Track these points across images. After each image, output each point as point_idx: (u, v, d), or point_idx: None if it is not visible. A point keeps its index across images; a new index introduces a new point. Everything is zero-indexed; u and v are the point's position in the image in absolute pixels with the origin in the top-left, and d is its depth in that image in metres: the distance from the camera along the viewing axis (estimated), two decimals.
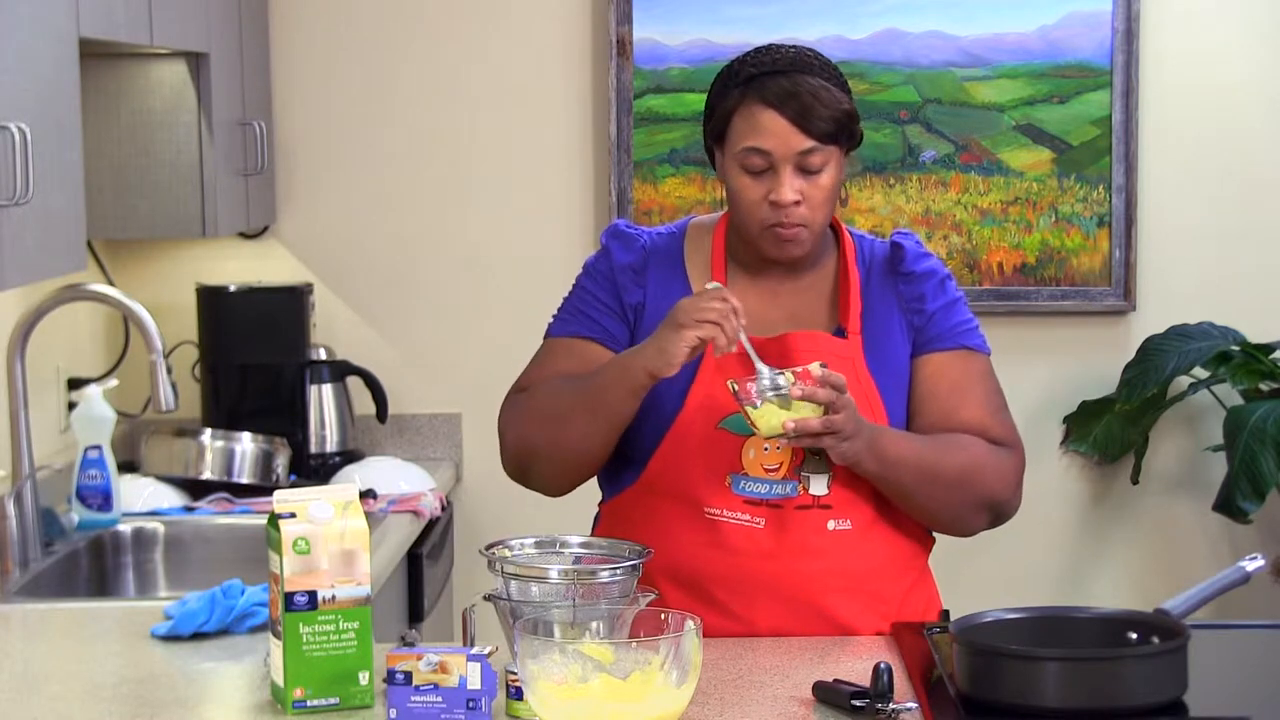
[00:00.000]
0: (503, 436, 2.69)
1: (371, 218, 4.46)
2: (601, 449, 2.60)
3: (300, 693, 2.28)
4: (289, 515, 2.28)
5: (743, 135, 2.56)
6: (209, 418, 4.18)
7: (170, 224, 3.85)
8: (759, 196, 2.56)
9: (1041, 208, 4.42)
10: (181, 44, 3.66)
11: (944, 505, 2.62)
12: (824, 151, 2.55)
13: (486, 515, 4.46)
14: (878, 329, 2.65)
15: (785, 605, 2.58)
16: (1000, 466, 2.64)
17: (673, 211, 4.36)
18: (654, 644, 2.09)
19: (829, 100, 2.54)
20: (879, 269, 2.68)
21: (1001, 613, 2.32)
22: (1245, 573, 2.36)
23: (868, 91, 4.34)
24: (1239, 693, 2.36)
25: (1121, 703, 2.14)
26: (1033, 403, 4.41)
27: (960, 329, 2.68)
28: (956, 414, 2.64)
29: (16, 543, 3.25)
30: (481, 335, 4.45)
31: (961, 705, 2.21)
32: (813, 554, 2.58)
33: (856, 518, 2.59)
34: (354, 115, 4.44)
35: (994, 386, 2.70)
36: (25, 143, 2.69)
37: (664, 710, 2.08)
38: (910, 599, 2.66)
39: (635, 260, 2.67)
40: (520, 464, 2.68)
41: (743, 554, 2.57)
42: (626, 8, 4.37)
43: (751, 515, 2.57)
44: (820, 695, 2.28)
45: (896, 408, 2.64)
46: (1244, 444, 4.05)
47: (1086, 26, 4.37)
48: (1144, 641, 2.24)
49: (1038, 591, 4.42)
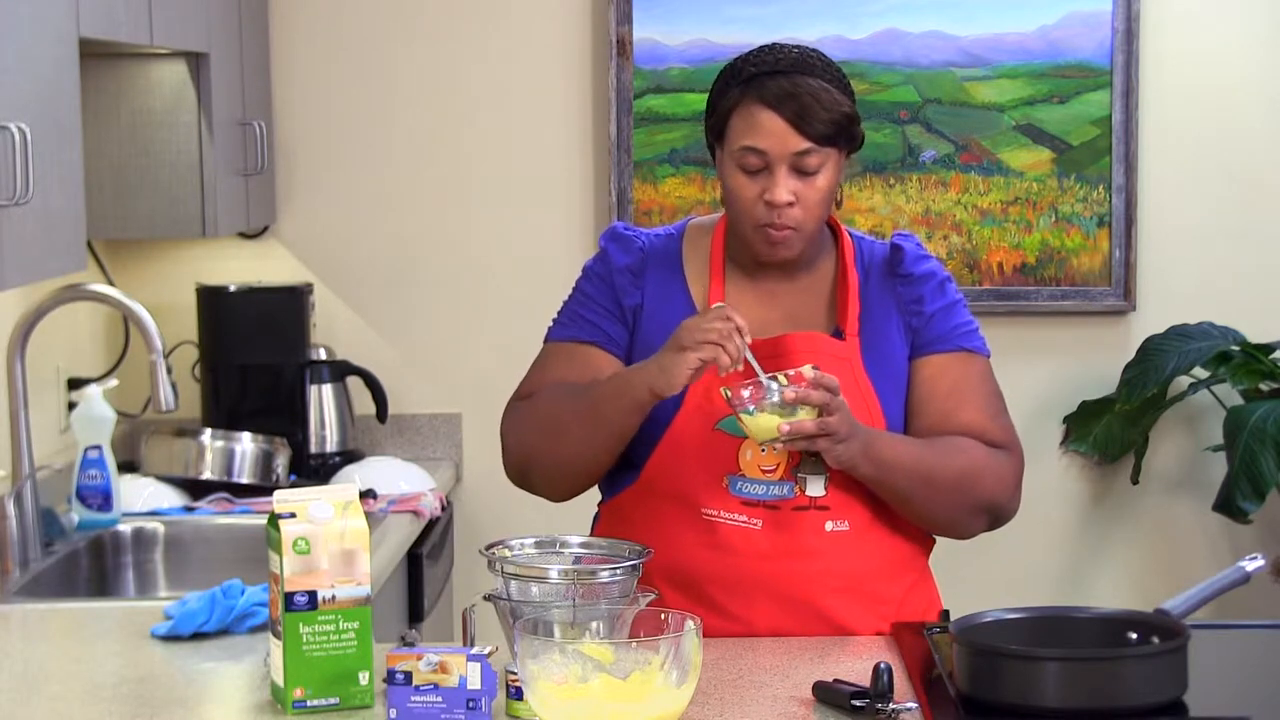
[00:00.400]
0: (505, 444, 2.70)
1: (371, 218, 4.46)
2: (604, 459, 2.61)
3: (300, 693, 2.28)
4: (289, 515, 2.28)
5: (740, 134, 2.55)
6: (209, 418, 4.18)
7: (170, 224, 3.85)
8: (754, 195, 2.56)
9: (1041, 208, 4.42)
10: (181, 44, 3.66)
11: (941, 509, 2.61)
12: (821, 153, 2.54)
13: (486, 515, 4.46)
14: (876, 331, 2.64)
15: (783, 606, 2.58)
16: (998, 470, 2.64)
17: (673, 211, 4.36)
18: (654, 644, 2.09)
19: (828, 102, 2.54)
20: (878, 270, 2.67)
21: (1001, 613, 2.32)
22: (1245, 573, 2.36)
23: (868, 91, 4.34)
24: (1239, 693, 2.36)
25: (1121, 703, 2.14)
26: (1033, 403, 4.41)
27: (959, 331, 2.67)
28: (954, 417, 2.63)
29: (16, 543, 3.25)
30: (481, 335, 4.45)
31: (961, 705, 2.21)
32: (810, 555, 2.57)
33: (854, 519, 2.59)
34: (354, 115, 4.44)
35: (993, 389, 2.69)
36: (25, 143, 2.69)
37: (664, 710, 2.08)
38: (910, 599, 2.66)
39: (633, 262, 2.67)
40: (522, 471, 2.68)
41: (740, 555, 2.57)
42: (626, 8, 4.37)
43: (749, 516, 2.57)
44: (820, 695, 2.28)
45: (894, 410, 2.63)
46: (1244, 444, 4.05)
47: (1086, 26, 4.37)
48: (1144, 641, 2.24)
49: (1038, 591, 4.42)
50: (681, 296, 2.64)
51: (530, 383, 2.70)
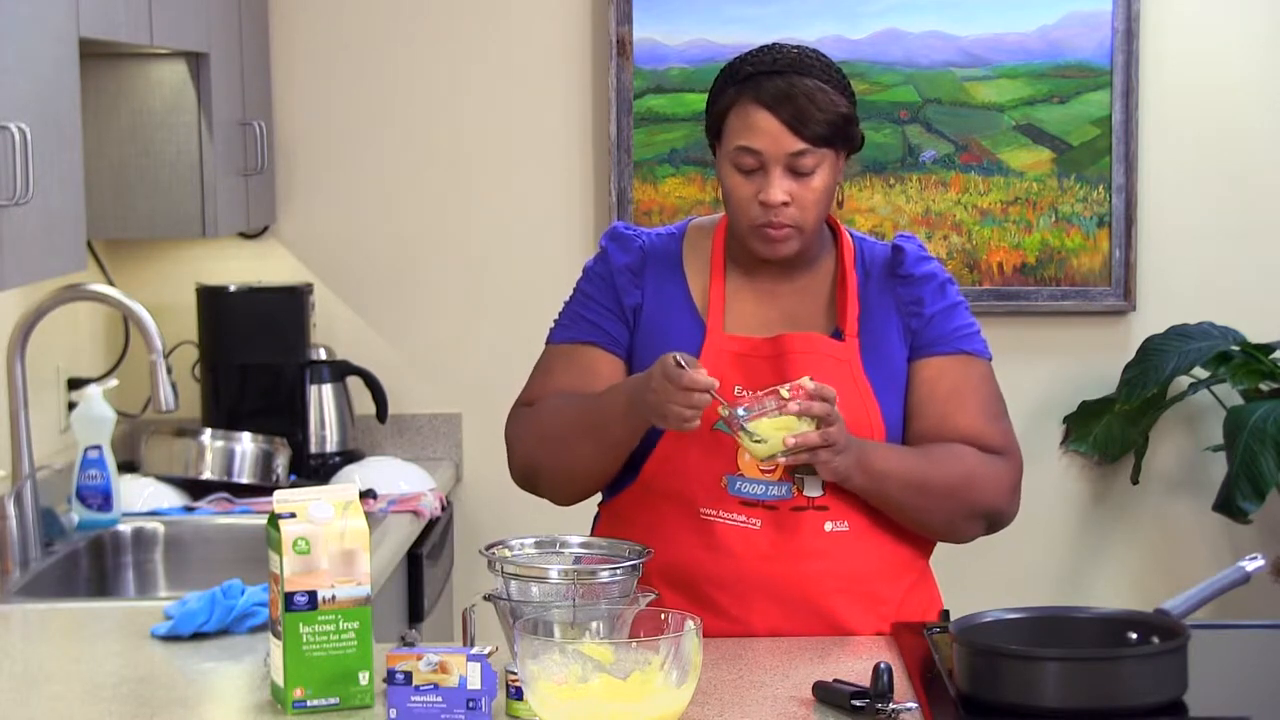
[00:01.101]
0: (510, 450, 2.70)
1: (371, 218, 4.46)
2: (609, 468, 2.62)
3: (300, 693, 2.28)
4: (289, 515, 2.28)
5: (736, 133, 2.55)
6: (209, 418, 4.18)
7: (170, 224, 3.85)
8: (749, 195, 2.56)
9: (1041, 208, 4.42)
10: (181, 44, 3.66)
11: (936, 516, 2.61)
12: (816, 154, 2.53)
13: (486, 515, 4.46)
14: (876, 332, 2.64)
15: (782, 606, 2.58)
16: (994, 476, 2.62)
17: (673, 211, 4.36)
18: (654, 644, 2.09)
19: (824, 103, 2.53)
20: (879, 272, 2.66)
21: (1001, 613, 2.32)
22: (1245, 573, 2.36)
23: (868, 91, 4.34)
24: (1239, 693, 2.36)
25: (1121, 703, 2.14)
26: (1033, 403, 4.41)
27: (959, 333, 2.66)
28: (952, 420, 2.62)
29: (16, 543, 3.25)
30: (481, 335, 4.45)
31: (961, 705, 2.21)
32: (809, 555, 2.57)
33: (854, 519, 2.59)
34: (354, 115, 4.44)
35: (992, 393, 2.67)
36: (25, 143, 2.69)
37: (664, 710, 2.08)
38: (910, 600, 2.66)
39: (633, 261, 2.67)
40: (527, 478, 2.70)
41: (738, 555, 2.57)
42: (626, 8, 4.37)
43: (747, 516, 2.57)
44: (820, 695, 2.28)
45: (893, 411, 2.62)
46: (1244, 444, 4.05)
47: (1086, 26, 4.37)
48: (1144, 641, 2.24)
49: (1038, 591, 4.42)
50: (681, 296, 2.64)
51: (533, 387, 2.70)
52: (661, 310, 2.63)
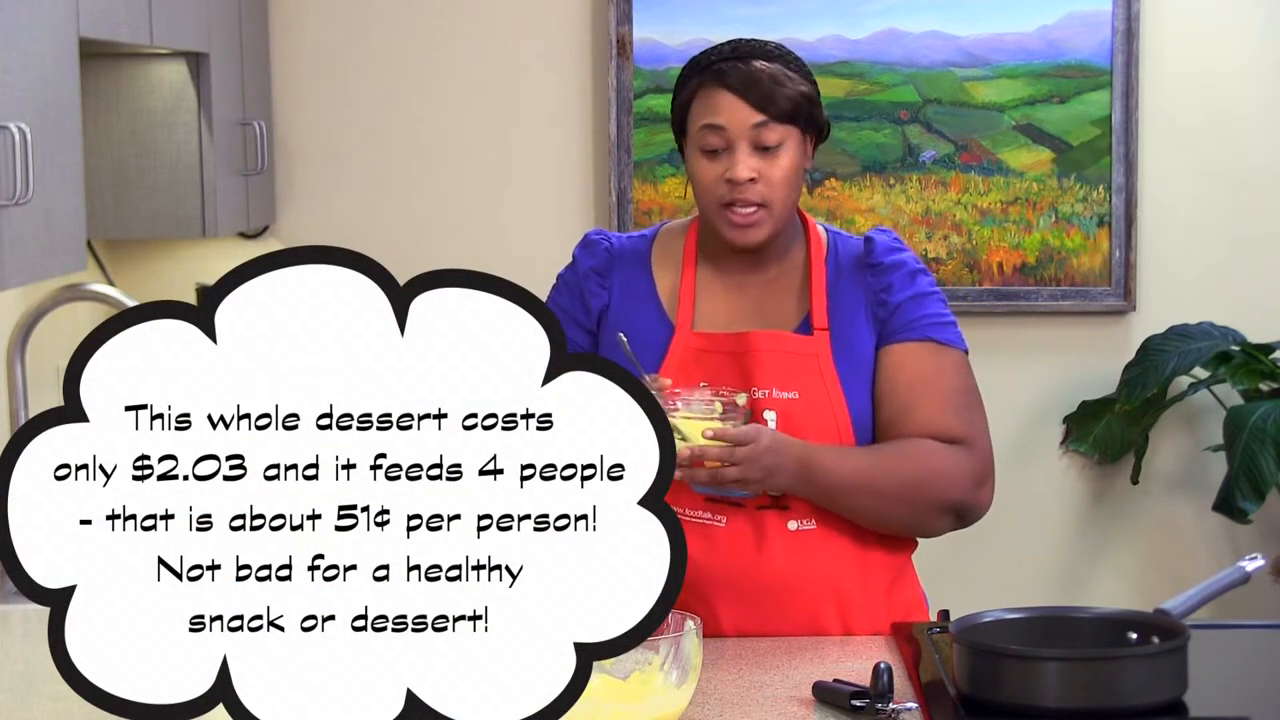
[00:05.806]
0: None
1: (371, 217, 4.46)
2: None
3: None
4: None
5: (700, 115, 2.57)
6: None
7: (170, 224, 3.85)
8: (716, 175, 2.56)
9: (1041, 208, 4.42)
10: (181, 44, 3.66)
11: (892, 517, 2.58)
12: (780, 129, 2.55)
13: None
14: (846, 324, 2.62)
15: (747, 605, 2.56)
16: (953, 469, 2.58)
17: (673, 212, 4.36)
18: (654, 644, 2.09)
19: (784, 80, 2.56)
20: (850, 263, 2.65)
21: (1001, 613, 2.32)
22: (1245, 573, 2.36)
23: (868, 91, 4.34)
24: (1239, 693, 2.36)
25: (1121, 703, 2.14)
26: (1033, 403, 4.41)
27: (928, 321, 2.62)
28: (912, 410, 2.59)
29: None
30: None
31: (961, 705, 2.21)
32: (774, 554, 2.56)
33: (821, 518, 2.57)
34: (354, 115, 4.44)
35: (961, 384, 2.63)
36: (25, 143, 2.69)
37: (664, 710, 2.08)
38: (891, 599, 2.63)
39: (599, 263, 2.68)
40: None
41: (703, 552, 2.56)
42: (626, 8, 4.37)
43: (712, 514, 2.57)
44: (820, 695, 2.28)
45: (861, 405, 2.60)
46: (1244, 444, 4.05)
47: (1086, 26, 4.38)
48: (1144, 641, 2.24)
49: (1038, 591, 4.42)
50: (647, 293, 2.65)
51: None
52: (629, 309, 2.64)
